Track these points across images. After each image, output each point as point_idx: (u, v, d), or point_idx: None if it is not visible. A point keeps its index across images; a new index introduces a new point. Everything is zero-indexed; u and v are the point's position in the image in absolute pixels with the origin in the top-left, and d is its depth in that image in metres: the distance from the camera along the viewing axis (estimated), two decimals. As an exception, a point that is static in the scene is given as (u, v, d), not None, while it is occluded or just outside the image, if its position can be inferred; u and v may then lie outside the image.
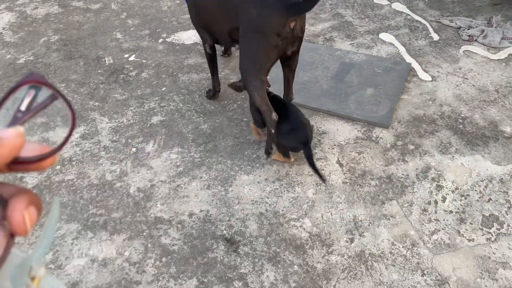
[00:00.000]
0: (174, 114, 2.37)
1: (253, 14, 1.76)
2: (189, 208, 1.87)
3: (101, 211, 1.87)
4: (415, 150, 2.09)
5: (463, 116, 2.26)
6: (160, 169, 2.06)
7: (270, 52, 1.79)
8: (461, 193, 1.88)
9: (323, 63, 2.67)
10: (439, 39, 2.86)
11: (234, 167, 2.06)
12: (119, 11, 3.34)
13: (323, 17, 3.15)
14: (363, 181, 1.96)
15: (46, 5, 3.47)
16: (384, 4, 3.28)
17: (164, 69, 2.71)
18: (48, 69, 2.75)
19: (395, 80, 2.50)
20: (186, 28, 3.08)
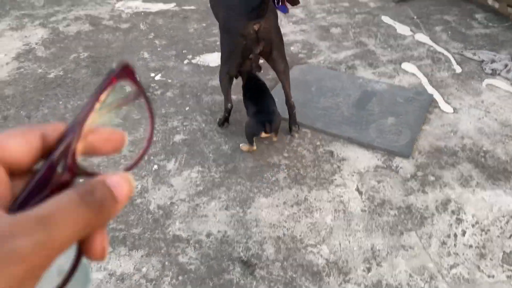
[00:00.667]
0: (196, 134, 2.42)
1: (223, 17, 2.14)
2: (207, 228, 1.89)
3: (121, 226, 1.90)
4: (435, 182, 2.09)
5: (485, 150, 2.25)
6: (180, 187, 2.09)
7: (236, 50, 2.09)
8: (481, 227, 1.86)
9: (345, 90, 2.70)
10: (462, 71, 2.87)
11: (253, 188, 2.08)
12: (147, 32, 3.45)
13: (346, 45, 3.20)
14: (382, 210, 1.95)
15: (78, 23, 3.61)
16: (407, 34, 3.32)
17: (188, 89, 2.78)
18: (77, 85, 2.84)
19: (417, 110, 2.51)
20: (211, 51, 3.16)
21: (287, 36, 3.32)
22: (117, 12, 3.78)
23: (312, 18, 3.59)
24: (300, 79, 2.80)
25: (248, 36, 2.02)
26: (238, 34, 2.03)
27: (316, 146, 2.32)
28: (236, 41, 2.06)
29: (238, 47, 2.07)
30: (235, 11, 2.06)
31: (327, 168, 2.18)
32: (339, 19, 3.57)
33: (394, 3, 3.78)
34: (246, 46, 2.07)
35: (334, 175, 2.14)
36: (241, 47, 2.06)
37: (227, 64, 2.20)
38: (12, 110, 2.61)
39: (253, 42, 2.05)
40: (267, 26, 2.05)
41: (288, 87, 2.28)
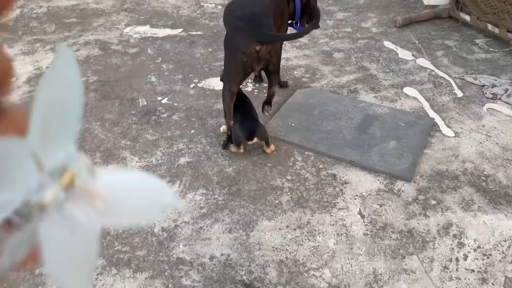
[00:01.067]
0: (201, 156, 2.47)
1: (228, 34, 2.30)
2: (211, 251, 1.91)
3: (126, 248, 1.93)
4: (437, 206, 2.10)
5: (486, 174, 2.27)
6: (184, 209, 2.13)
7: (238, 66, 2.23)
8: (483, 252, 1.86)
9: (347, 114, 2.75)
10: (463, 95, 2.91)
11: (256, 211, 2.10)
12: (155, 56, 3.54)
13: (348, 70, 3.27)
14: (384, 234, 1.97)
15: (87, 47, 3.72)
16: (409, 59, 3.38)
17: (194, 112, 2.84)
18: (85, 108, 2.91)
19: (418, 134, 2.54)
20: (217, 75, 3.23)
21: (290, 60, 3.39)
22: (125, 37, 3.89)
23: (315, 43, 3.67)
24: (303, 103, 2.86)
25: (250, 55, 2.18)
26: (240, 52, 2.19)
27: (319, 169, 2.35)
28: (238, 58, 2.21)
29: (240, 64, 2.22)
30: (240, 32, 2.21)
31: (329, 191, 2.21)
32: (342, 44, 3.65)
33: (396, 28, 3.86)
34: (247, 64, 2.22)
35: (337, 198, 2.17)
36: (242, 64, 2.21)
37: (229, 81, 2.32)
38: (22, 132, 2.68)
39: (254, 61, 2.21)
40: (269, 48, 2.22)
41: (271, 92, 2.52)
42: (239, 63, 2.22)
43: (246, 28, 2.18)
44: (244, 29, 2.20)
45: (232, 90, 2.34)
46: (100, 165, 2.41)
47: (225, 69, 2.37)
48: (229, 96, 2.36)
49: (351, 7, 4.27)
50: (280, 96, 2.97)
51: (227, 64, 2.34)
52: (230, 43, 2.28)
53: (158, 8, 4.49)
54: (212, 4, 4.55)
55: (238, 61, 2.22)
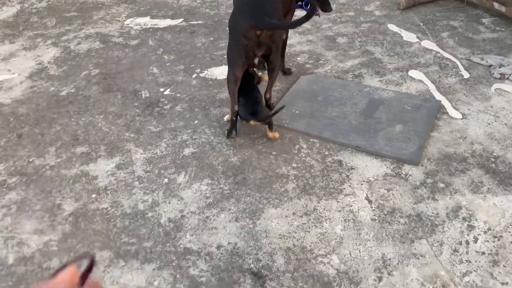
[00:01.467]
0: (205, 147, 2.45)
1: (233, 17, 2.30)
2: (218, 240, 1.90)
3: (133, 240, 1.93)
4: (445, 189, 2.07)
5: (495, 155, 2.23)
6: (190, 200, 2.11)
7: (239, 50, 2.25)
8: (493, 234, 1.84)
9: (352, 99, 2.71)
10: (470, 77, 2.86)
11: (262, 200, 2.09)
12: (156, 47, 3.51)
13: (352, 54, 3.22)
14: (392, 219, 1.94)
15: (88, 41, 3.69)
16: (414, 41, 3.32)
17: (197, 103, 2.82)
18: (88, 101, 2.90)
19: (425, 117, 2.50)
20: (219, 64, 3.20)
21: (293, 47, 3.35)
22: (126, 29, 3.86)
23: (318, 29, 3.62)
24: (307, 89, 2.82)
25: (251, 39, 2.20)
26: (241, 35, 2.21)
27: (325, 155, 2.33)
28: (239, 42, 2.23)
29: (242, 48, 2.24)
30: (243, 15, 2.22)
31: (336, 177, 2.19)
32: (345, 29, 3.59)
33: (399, 11, 3.79)
34: (248, 48, 2.23)
35: (343, 184, 2.14)
36: (244, 48, 2.23)
37: (232, 65, 2.33)
38: (26, 128, 2.68)
39: (254, 45, 2.23)
40: (269, 33, 2.22)
41: (271, 84, 2.55)
42: (241, 47, 2.23)
43: (248, 12, 2.18)
44: (246, 13, 2.20)
45: (235, 74, 2.33)
46: (105, 158, 2.40)
47: (228, 52, 2.39)
48: (233, 80, 2.35)
49: (353, -9, 4.19)
50: (284, 83, 2.93)
51: (230, 48, 2.36)
52: (233, 26, 2.31)
53: (158, -2, 4.44)
54: (213, -8, 4.49)
55: (239, 44, 2.23)
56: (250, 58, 2.31)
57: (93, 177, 2.28)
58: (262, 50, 2.28)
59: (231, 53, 2.35)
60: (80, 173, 2.31)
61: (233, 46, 2.32)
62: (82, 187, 2.22)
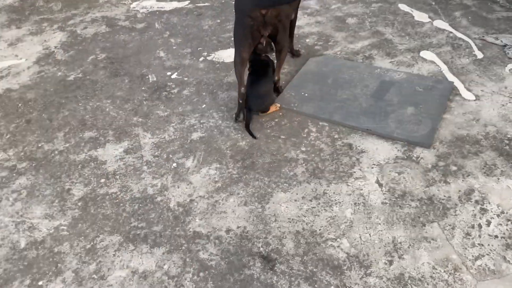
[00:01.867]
0: (213, 131, 2.43)
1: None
2: (227, 224, 1.90)
3: (142, 224, 1.93)
4: (457, 171, 2.04)
5: (509, 137, 2.18)
6: (199, 184, 2.11)
7: (245, 30, 2.22)
8: (507, 217, 1.81)
9: (362, 81, 2.66)
10: (484, 57, 2.79)
11: (271, 184, 2.07)
12: (162, 30, 3.47)
13: (362, 35, 3.15)
14: (403, 202, 1.92)
15: (94, 25, 3.66)
16: (426, 21, 3.24)
17: (204, 86, 2.79)
18: (95, 86, 2.88)
19: (437, 99, 2.45)
20: (226, 47, 3.16)
21: (302, 28, 3.29)
22: (132, 12, 3.82)
23: (327, 9, 3.55)
24: (317, 72, 2.78)
25: (256, 19, 2.16)
26: (246, 15, 2.18)
27: (334, 139, 2.30)
28: (245, 22, 2.20)
29: (247, 28, 2.20)
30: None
31: (345, 161, 2.16)
32: (355, 9, 3.51)
33: (411, -10, 3.69)
34: (254, 28, 2.19)
35: (353, 168, 2.12)
36: (249, 28, 2.20)
37: (238, 46, 2.32)
38: (35, 113, 2.68)
39: (260, 25, 2.19)
40: (275, 13, 2.18)
41: (279, 66, 2.52)
42: (246, 27, 2.21)
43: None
44: None
45: (242, 56, 2.30)
46: (114, 143, 2.39)
47: (234, 33, 2.36)
48: (240, 62, 2.32)
49: (363, -30, 4.09)
50: (292, 65, 2.89)
51: (235, 28, 2.33)
52: (238, 6, 2.29)
53: (164, -19, 4.37)
54: (219, -26, 4.41)
55: (245, 25, 2.21)
56: (256, 38, 2.27)
57: (101, 162, 2.28)
58: (268, 30, 2.24)
59: (237, 34, 2.33)
60: (88, 158, 2.31)
61: (238, 27, 2.29)
62: (91, 172, 2.23)
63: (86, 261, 1.79)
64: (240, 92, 2.38)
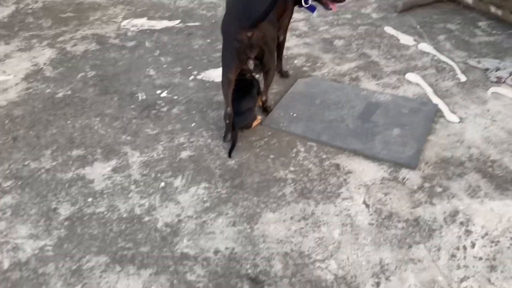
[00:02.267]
0: (202, 150, 2.44)
1: (224, 20, 2.35)
2: (215, 245, 1.89)
3: (129, 244, 1.92)
4: (442, 193, 2.07)
5: (492, 159, 2.24)
6: (187, 204, 2.10)
7: (232, 53, 2.27)
8: (491, 239, 1.84)
9: (349, 102, 2.71)
10: (467, 80, 2.86)
11: (260, 204, 2.08)
12: (153, 49, 3.50)
13: (349, 57, 3.22)
14: (389, 223, 1.94)
15: (84, 42, 3.67)
16: (411, 44, 3.32)
17: (194, 105, 2.80)
18: (84, 103, 2.88)
19: (422, 121, 2.51)
20: (216, 66, 3.19)
21: (291, 49, 3.34)
22: (123, 30, 3.84)
23: (315, 31, 3.62)
24: (305, 93, 2.82)
25: (242, 41, 2.21)
26: (232, 38, 2.23)
27: (322, 159, 2.32)
28: (231, 45, 2.25)
29: (234, 51, 2.25)
30: (232, 17, 2.28)
31: (333, 181, 2.18)
32: (342, 31, 3.59)
33: (396, 13, 3.80)
34: (240, 50, 2.24)
35: (341, 188, 2.14)
36: (236, 50, 2.24)
37: (226, 68, 2.35)
38: (22, 130, 2.66)
39: (247, 47, 2.23)
40: (260, 35, 2.23)
41: (267, 87, 2.56)
42: (233, 50, 2.25)
43: (237, 15, 2.21)
44: (235, 15, 2.23)
45: (229, 77, 2.33)
46: (102, 161, 2.38)
47: (222, 55, 2.40)
48: (227, 83, 2.35)
49: (350, -7, 4.19)
50: (281, 86, 2.93)
51: (223, 50, 2.37)
52: (225, 29, 2.35)
53: (155, 0, 4.42)
54: (210, -6, 4.48)
55: (232, 47, 2.25)
56: (243, 60, 2.32)
57: (89, 181, 2.27)
58: (254, 52, 2.28)
59: (225, 56, 2.37)
60: (76, 177, 2.29)
61: (226, 49, 2.34)
62: (78, 190, 2.21)
63: (71, 283, 1.76)
64: (227, 113, 2.40)
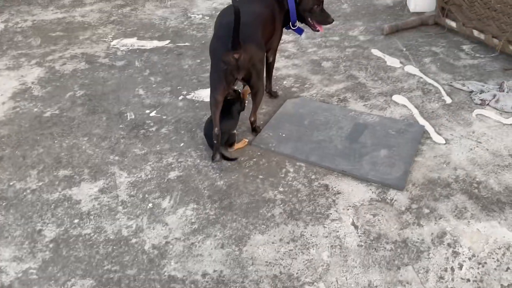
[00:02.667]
0: (191, 170, 2.43)
1: (212, 42, 2.39)
2: (203, 268, 1.87)
3: (116, 267, 1.88)
4: (430, 214, 2.09)
5: (478, 181, 2.27)
6: (175, 225, 2.08)
7: (219, 73, 2.29)
8: (478, 260, 1.85)
9: (337, 123, 2.73)
10: (452, 102, 2.92)
11: (248, 225, 2.07)
12: (143, 68, 3.51)
13: (337, 78, 3.27)
14: (378, 245, 1.94)
15: (74, 61, 3.67)
16: (397, 66, 3.39)
17: (183, 125, 2.81)
18: (72, 123, 2.86)
19: (409, 142, 2.54)
20: (206, 86, 3.20)
21: (279, 70, 3.39)
22: (112, 50, 3.85)
23: (303, 53, 3.67)
24: (293, 113, 2.85)
25: (229, 63, 2.23)
26: (219, 60, 2.26)
27: (311, 179, 2.33)
28: (219, 66, 2.28)
29: (221, 72, 2.28)
30: (220, 40, 2.30)
31: (322, 202, 2.19)
32: (330, 53, 3.65)
33: (383, 36, 3.88)
34: (228, 72, 2.27)
35: (330, 209, 2.14)
36: (223, 72, 2.27)
37: (214, 89, 2.36)
38: (8, 150, 2.62)
39: (234, 69, 2.26)
40: (247, 57, 2.26)
41: (255, 108, 2.59)
42: (220, 71, 2.28)
43: (224, 37, 2.22)
44: (222, 38, 2.25)
45: (216, 98, 2.34)
46: (89, 182, 2.36)
47: (210, 77, 2.41)
48: (214, 103, 2.36)
49: (338, 16, 4.28)
50: (270, 106, 2.95)
51: (211, 72, 2.39)
52: (212, 51, 2.37)
53: (145, 20, 4.46)
54: (200, 15, 4.54)
55: (219, 69, 2.28)
56: (230, 82, 2.33)
57: (76, 202, 2.24)
58: (241, 74, 2.32)
59: (212, 77, 2.38)
60: (62, 197, 2.26)
61: (213, 70, 2.36)
62: (64, 211, 2.17)
63: (55, 307, 1.72)
64: (215, 133, 2.40)
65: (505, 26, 3.29)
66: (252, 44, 2.29)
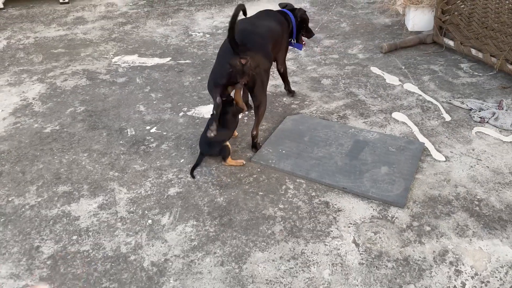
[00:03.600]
0: (191, 186, 2.42)
1: (222, 45, 2.49)
2: (202, 286, 1.84)
3: (114, 284, 1.86)
4: (431, 232, 2.08)
5: (479, 198, 2.26)
6: (174, 242, 2.06)
7: (222, 72, 2.39)
8: (481, 279, 1.83)
9: (337, 140, 2.74)
10: (451, 119, 2.93)
11: (248, 243, 2.05)
12: (143, 85, 3.53)
13: (337, 96, 3.29)
14: (379, 263, 1.92)
15: (75, 77, 3.70)
16: (396, 84, 3.42)
17: (183, 141, 2.81)
18: (72, 139, 2.86)
19: (409, 159, 2.54)
20: (206, 103, 3.22)
21: (279, 87, 3.41)
22: (113, 66, 3.88)
23: (303, 70, 3.70)
24: (293, 130, 2.85)
25: (235, 66, 2.34)
26: (226, 61, 2.37)
27: (311, 196, 2.32)
28: (224, 67, 2.38)
29: (224, 72, 2.38)
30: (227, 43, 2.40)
31: (323, 219, 2.17)
32: (329, 71, 3.68)
33: (381, 54, 3.92)
34: (232, 74, 2.37)
35: (331, 226, 2.13)
36: (227, 72, 2.37)
37: (214, 88, 2.45)
38: (7, 165, 2.61)
39: (238, 72, 2.36)
40: (254, 64, 2.38)
41: (257, 122, 2.62)
42: (224, 71, 2.38)
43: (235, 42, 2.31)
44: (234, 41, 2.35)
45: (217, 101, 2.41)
46: (88, 198, 2.35)
47: (211, 72, 2.51)
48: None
49: (337, 34, 4.34)
50: (270, 122, 2.96)
51: (213, 68, 2.49)
52: (221, 52, 2.47)
53: (147, 37, 4.51)
54: (200, 33, 4.59)
55: (223, 68, 2.38)
56: (230, 83, 2.42)
57: (74, 218, 2.22)
58: (244, 79, 2.40)
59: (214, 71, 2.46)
60: (61, 214, 2.24)
61: (216, 67, 2.45)
62: (62, 228, 2.16)
63: (51, 326, 1.69)
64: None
65: (502, 45, 3.33)
66: (260, 53, 2.43)
